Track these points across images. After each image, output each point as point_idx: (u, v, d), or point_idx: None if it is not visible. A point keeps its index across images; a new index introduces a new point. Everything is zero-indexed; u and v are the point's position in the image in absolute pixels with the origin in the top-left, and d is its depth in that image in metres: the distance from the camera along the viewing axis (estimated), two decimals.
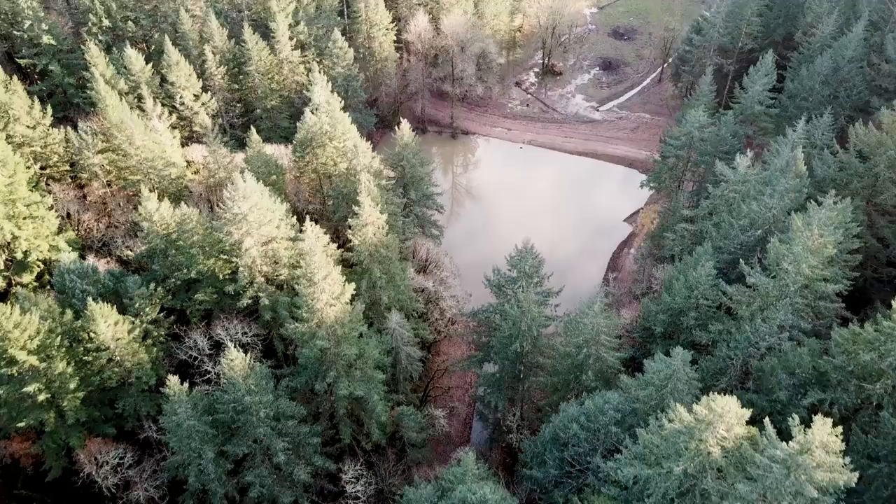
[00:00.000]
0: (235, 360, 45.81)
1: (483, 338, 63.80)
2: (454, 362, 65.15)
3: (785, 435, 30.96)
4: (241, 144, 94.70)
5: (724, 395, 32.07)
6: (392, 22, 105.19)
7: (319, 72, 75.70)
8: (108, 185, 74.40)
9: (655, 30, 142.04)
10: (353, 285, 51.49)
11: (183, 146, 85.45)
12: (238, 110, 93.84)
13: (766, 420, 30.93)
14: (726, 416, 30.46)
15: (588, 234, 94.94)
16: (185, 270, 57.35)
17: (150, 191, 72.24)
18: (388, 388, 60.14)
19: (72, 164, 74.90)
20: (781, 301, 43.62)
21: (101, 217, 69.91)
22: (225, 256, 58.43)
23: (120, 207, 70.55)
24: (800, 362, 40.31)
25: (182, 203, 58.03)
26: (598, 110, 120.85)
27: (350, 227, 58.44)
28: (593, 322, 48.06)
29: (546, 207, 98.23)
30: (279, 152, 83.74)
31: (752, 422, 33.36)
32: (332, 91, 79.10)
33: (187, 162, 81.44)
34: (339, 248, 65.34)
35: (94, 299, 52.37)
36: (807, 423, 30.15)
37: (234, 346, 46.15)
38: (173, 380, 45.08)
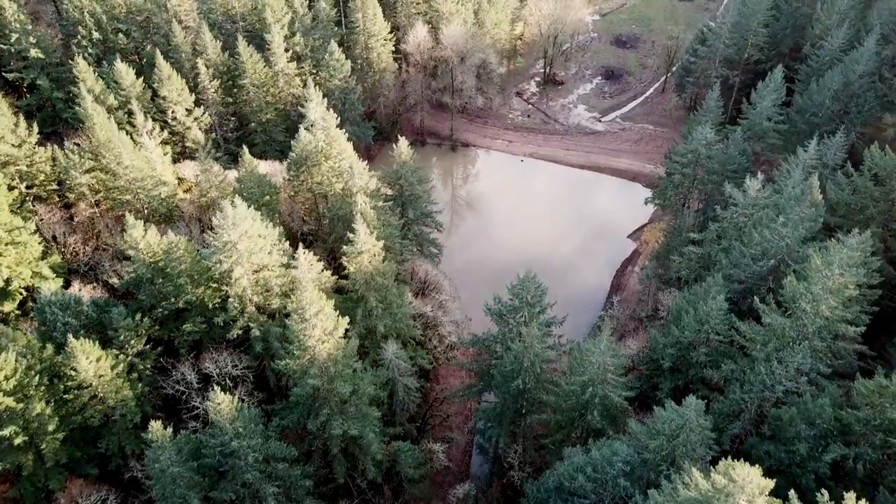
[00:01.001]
0: (222, 403, 43.42)
1: (483, 366, 61.43)
2: (453, 392, 62.74)
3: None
4: (235, 159, 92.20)
5: (738, 441, 29.62)
6: (390, 32, 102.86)
7: (315, 87, 73.21)
8: (97, 205, 72.07)
9: (658, 38, 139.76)
10: (346, 319, 49.07)
11: (176, 162, 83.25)
12: (232, 124, 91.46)
13: (792, 495, 28.48)
14: (748, 487, 28.05)
15: (591, 251, 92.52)
16: (172, 300, 54.99)
17: (140, 211, 70.41)
18: (385, 421, 57.78)
19: (59, 183, 72.58)
20: (799, 344, 41.24)
21: (88, 240, 67.58)
22: (214, 285, 56.11)
23: (108, 229, 68.21)
24: (821, 413, 37.96)
25: (170, 231, 55.51)
26: (600, 121, 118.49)
27: (345, 254, 56.02)
28: (599, 360, 45.70)
29: (548, 222, 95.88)
30: (274, 169, 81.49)
31: (772, 484, 30.89)
32: (328, 107, 76.88)
33: (179, 179, 79.14)
34: (334, 272, 63.12)
35: (76, 333, 50.14)
36: (830, 482, 27.71)
37: (223, 381, 43.82)
38: (156, 425, 42.69)
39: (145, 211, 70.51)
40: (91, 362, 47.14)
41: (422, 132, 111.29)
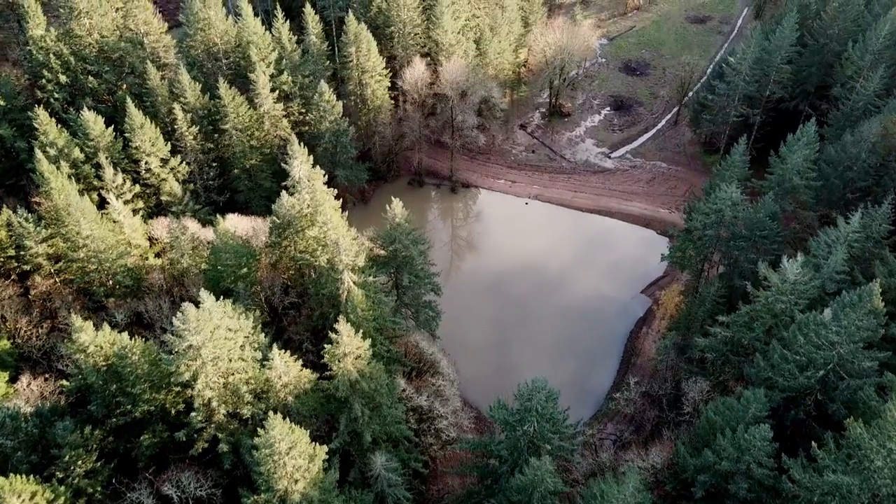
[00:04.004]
0: None
1: (486, 468, 54.36)
2: (452, 500, 55.59)
3: None
4: (217, 209, 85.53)
5: None
6: (386, 67, 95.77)
7: (300, 143, 66.04)
8: (57, 274, 64.97)
9: (670, 64, 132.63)
10: (325, 448, 41.93)
11: (151, 216, 76.31)
12: (213, 171, 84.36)
13: None
14: None
15: (602, 307, 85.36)
16: (129, 407, 47.86)
17: (103, 284, 63.36)
18: None
19: (18, 248, 65.35)
20: None
21: (43, 320, 60.40)
22: (178, 388, 48.99)
23: (66, 306, 61.06)
24: None
25: (126, 336, 48.26)
26: (609, 157, 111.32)
27: (327, 355, 48.83)
28: None
29: (555, 273, 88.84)
30: (256, 227, 74.33)
31: None
32: (320, 152, 69.92)
33: (151, 240, 72.08)
34: (317, 355, 55.85)
35: (12, 455, 43.07)
36: None
37: None
38: None
39: (109, 283, 63.47)
40: (24, 502, 39.99)
41: (419, 172, 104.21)
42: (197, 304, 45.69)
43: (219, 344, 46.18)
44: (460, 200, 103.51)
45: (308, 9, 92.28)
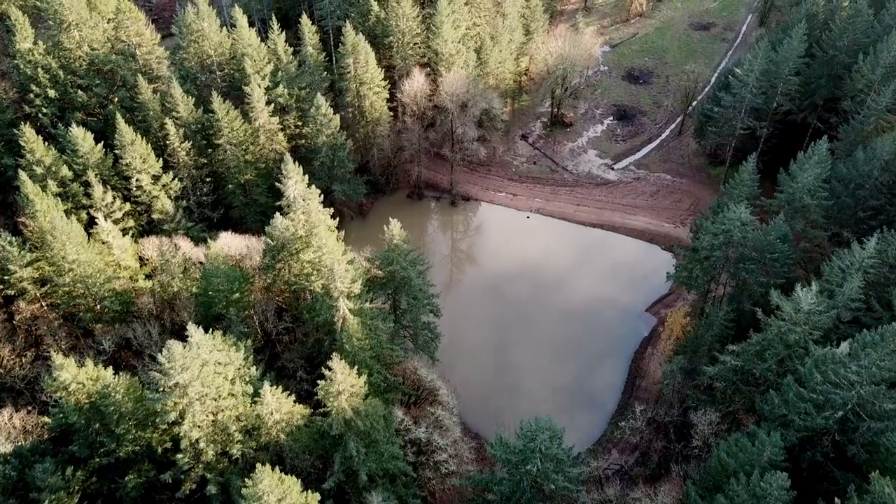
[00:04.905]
0: None
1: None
2: None
3: None
4: (211, 225, 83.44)
5: None
6: (385, 79, 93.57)
7: (294, 162, 63.90)
8: (43, 298, 62.80)
9: (673, 72, 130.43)
10: (317, 496, 39.73)
11: (142, 234, 74.18)
12: (207, 187, 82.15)
13: None
14: None
15: (605, 325, 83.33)
16: (113, 446, 45.70)
17: (90, 309, 61.18)
18: None
19: (2, 271, 63.21)
20: None
21: (27, 347, 58.22)
22: (165, 426, 46.80)
23: (52, 332, 58.87)
24: None
25: (109, 371, 46.05)
26: (612, 168, 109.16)
27: (321, 391, 46.66)
28: None
29: (557, 290, 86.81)
30: (251, 247, 72.11)
31: None
32: (311, 178, 67.65)
33: (141, 260, 69.93)
34: (312, 384, 53.69)
35: None
36: None
37: None
38: None
39: (97, 308, 61.28)
40: None
41: (419, 185, 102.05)
42: (184, 339, 43.53)
43: (207, 381, 44.02)
44: (460, 214, 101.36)
45: (305, 19, 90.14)
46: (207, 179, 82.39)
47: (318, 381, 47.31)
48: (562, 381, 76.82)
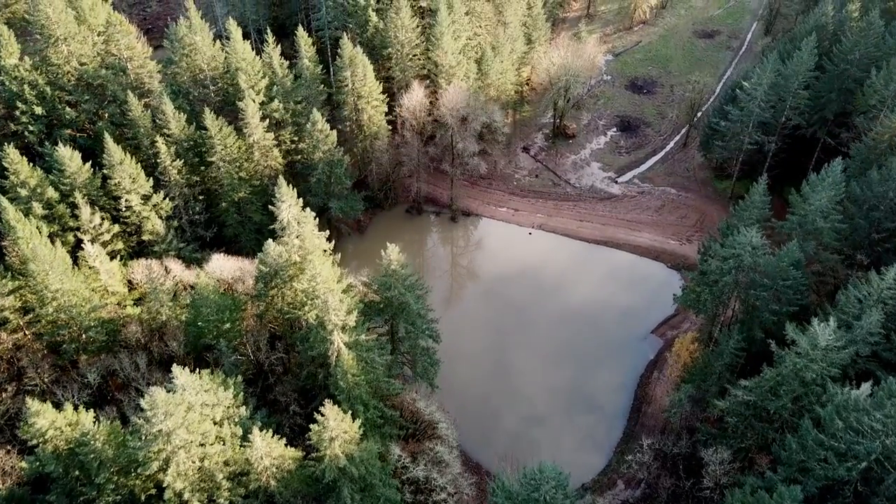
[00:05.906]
0: None
1: None
2: None
3: None
4: (203, 245, 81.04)
5: None
6: (383, 92, 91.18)
7: (288, 185, 61.49)
8: (27, 327, 60.39)
9: (677, 81, 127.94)
10: None
11: (132, 257, 71.81)
12: (200, 206, 79.67)
13: None
14: None
15: (610, 347, 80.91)
16: (93, 495, 43.27)
17: (74, 339, 58.75)
18: None
19: None
20: None
21: (8, 380, 55.84)
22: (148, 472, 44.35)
23: (34, 364, 56.44)
24: None
25: (90, 416, 43.64)
26: (616, 182, 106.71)
27: (314, 436, 44.23)
28: None
29: (561, 309, 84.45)
30: (244, 269, 69.76)
31: None
32: (306, 202, 65.11)
33: (130, 284, 67.56)
34: (306, 419, 51.35)
35: None
36: None
37: None
38: None
39: (82, 338, 58.88)
40: None
41: (418, 200, 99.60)
42: (168, 389, 41.10)
43: (192, 426, 41.65)
44: (461, 230, 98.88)
45: (301, 31, 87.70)
46: (200, 197, 79.98)
47: (313, 420, 44.87)
48: (566, 407, 74.47)
